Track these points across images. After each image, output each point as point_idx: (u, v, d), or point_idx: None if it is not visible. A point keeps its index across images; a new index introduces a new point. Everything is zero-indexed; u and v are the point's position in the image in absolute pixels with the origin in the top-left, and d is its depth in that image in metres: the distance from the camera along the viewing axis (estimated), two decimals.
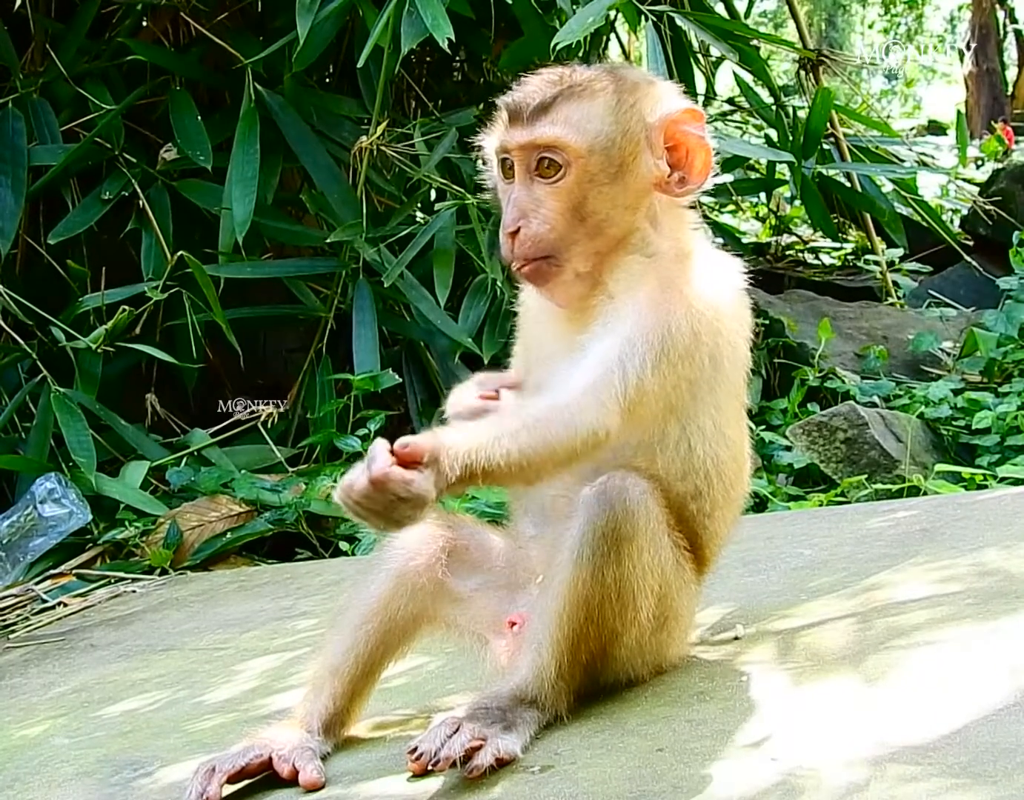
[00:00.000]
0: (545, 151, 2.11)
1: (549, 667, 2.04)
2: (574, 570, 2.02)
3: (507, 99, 2.16)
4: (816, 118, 6.38)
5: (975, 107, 16.65)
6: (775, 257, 8.66)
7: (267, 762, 2.13)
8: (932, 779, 1.71)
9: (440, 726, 1.97)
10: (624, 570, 2.03)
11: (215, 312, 5.23)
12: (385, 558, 2.22)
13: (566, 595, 2.02)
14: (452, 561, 2.21)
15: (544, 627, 2.04)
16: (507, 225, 2.11)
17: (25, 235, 5.72)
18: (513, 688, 2.05)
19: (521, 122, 2.12)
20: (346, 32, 5.83)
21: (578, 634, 2.03)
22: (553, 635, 2.03)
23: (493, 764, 1.94)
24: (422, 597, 2.19)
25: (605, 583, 2.02)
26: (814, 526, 3.30)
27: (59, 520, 4.74)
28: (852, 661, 2.14)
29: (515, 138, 2.12)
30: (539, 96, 2.12)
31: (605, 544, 2.01)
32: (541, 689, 2.04)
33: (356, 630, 2.20)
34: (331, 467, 4.94)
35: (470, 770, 1.93)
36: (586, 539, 2.01)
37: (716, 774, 1.83)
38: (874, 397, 5.53)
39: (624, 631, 2.08)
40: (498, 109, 2.18)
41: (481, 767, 1.94)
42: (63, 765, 2.53)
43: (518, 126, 2.12)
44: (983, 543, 2.71)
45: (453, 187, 5.52)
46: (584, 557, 2.01)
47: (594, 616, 2.03)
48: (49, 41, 5.82)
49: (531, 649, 2.06)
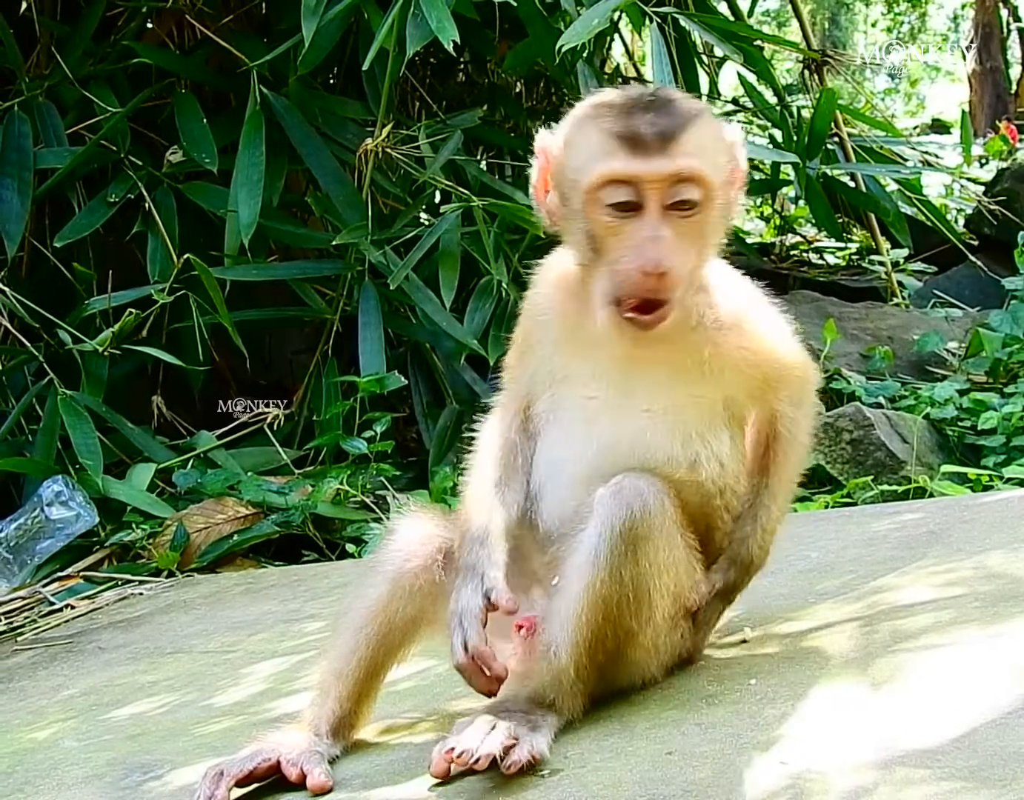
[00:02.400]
0: (682, 184, 2.02)
1: (568, 669, 2.03)
2: (592, 571, 2.01)
3: (630, 124, 2.01)
4: (820, 119, 6.39)
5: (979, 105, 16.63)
6: (779, 257, 8.66)
7: (275, 766, 2.14)
8: (940, 783, 1.72)
9: (475, 725, 1.98)
10: (641, 569, 2.03)
11: (221, 314, 5.24)
12: (382, 561, 2.23)
13: (584, 596, 2.02)
14: (449, 562, 2.20)
15: (562, 629, 2.04)
16: (654, 265, 1.99)
17: (31, 238, 5.72)
18: (531, 692, 2.05)
19: (654, 151, 2.00)
20: (351, 34, 5.83)
21: (596, 635, 2.03)
22: (571, 637, 2.03)
23: (530, 761, 1.95)
24: (420, 599, 2.19)
25: (623, 583, 2.02)
26: (820, 528, 3.30)
27: (66, 522, 4.75)
28: (859, 664, 2.14)
29: (653, 168, 2.00)
30: (668, 122, 2.02)
31: (623, 543, 2.01)
32: (559, 692, 2.04)
33: (357, 633, 2.20)
34: (337, 469, 4.94)
35: (508, 766, 1.93)
36: (604, 539, 2.01)
37: (726, 778, 1.84)
38: (879, 398, 5.53)
39: (640, 631, 2.08)
40: (601, 134, 2.04)
41: (519, 763, 1.94)
42: (73, 768, 2.54)
43: (653, 156, 2.00)
44: (989, 546, 2.72)
45: (458, 189, 5.52)
46: (602, 557, 2.01)
47: (612, 616, 2.03)
48: (54, 44, 5.82)
49: (548, 652, 2.05)
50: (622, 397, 2.14)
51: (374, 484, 4.92)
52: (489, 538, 2.13)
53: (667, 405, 2.13)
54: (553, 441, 2.20)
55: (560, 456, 2.18)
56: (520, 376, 2.27)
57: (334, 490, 4.80)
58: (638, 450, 2.12)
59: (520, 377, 2.27)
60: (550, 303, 2.23)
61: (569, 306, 2.20)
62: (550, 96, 6.99)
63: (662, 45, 5.18)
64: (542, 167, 2.16)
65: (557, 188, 2.13)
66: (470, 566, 2.11)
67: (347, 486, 4.82)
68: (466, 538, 2.14)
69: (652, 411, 2.13)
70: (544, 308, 2.24)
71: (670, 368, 2.14)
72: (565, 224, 2.14)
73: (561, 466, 2.18)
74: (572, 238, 2.14)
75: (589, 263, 2.11)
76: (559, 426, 2.20)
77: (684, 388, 2.14)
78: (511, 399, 2.29)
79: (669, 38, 5.33)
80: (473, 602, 2.07)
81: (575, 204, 2.08)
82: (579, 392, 2.17)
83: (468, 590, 2.09)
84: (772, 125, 6.95)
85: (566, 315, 2.20)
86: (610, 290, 2.06)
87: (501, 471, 2.21)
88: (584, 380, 2.17)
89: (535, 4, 5.48)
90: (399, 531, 2.25)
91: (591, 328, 2.15)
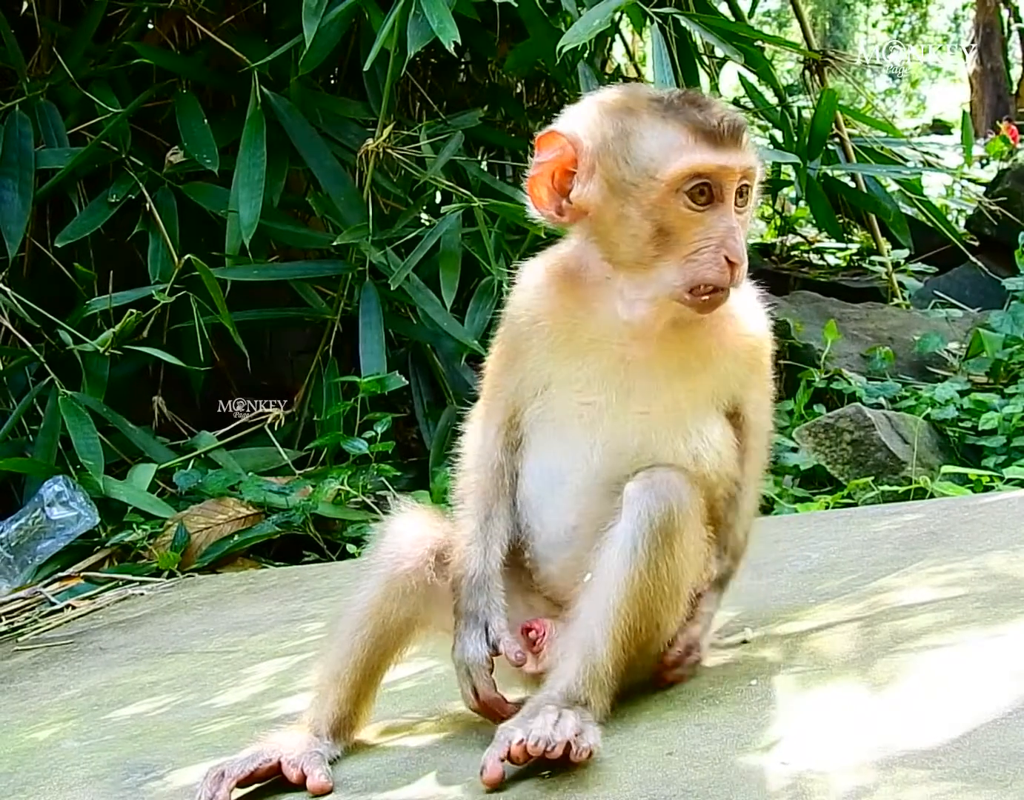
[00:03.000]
0: (745, 178, 2.07)
1: (605, 664, 2.00)
2: (630, 564, 2.00)
3: (706, 118, 2.03)
4: (821, 119, 6.39)
5: (979, 106, 16.64)
6: (780, 258, 8.67)
7: (276, 767, 2.13)
8: (940, 783, 1.72)
9: (542, 714, 1.94)
10: (677, 562, 2.02)
11: (222, 315, 5.24)
12: (374, 564, 2.21)
13: (623, 590, 2.00)
14: (442, 564, 2.19)
15: (598, 624, 2.00)
16: (738, 255, 2.03)
17: (32, 238, 5.73)
18: (563, 690, 2.00)
19: (731, 145, 2.04)
20: (352, 35, 5.84)
21: (632, 628, 2.01)
22: (610, 631, 2.00)
23: (593, 749, 1.93)
24: (413, 601, 2.18)
25: (660, 576, 2.01)
26: (821, 529, 3.31)
27: (67, 523, 4.75)
28: (859, 665, 2.14)
29: (734, 162, 2.04)
30: (736, 119, 2.06)
31: (661, 536, 2.00)
32: (593, 689, 2.01)
33: (352, 636, 2.19)
34: (338, 469, 4.95)
35: (578, 753, 1.91)
36: (641, 532, 2.00)
37: (726, 778, 1.84)
38: (880, 398, 5.54)
39: (669, 624, 2.09)
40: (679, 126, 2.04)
41: (588, 749, 1.92)
42: (74, 768, 2.54)
43: (729, 149, 2.04)
44: (990, 546, 2.72)
45: (459, 190, 5.53)
46: (640, 550, 1.99)
47: (647, 610, 2.02)
48: (55, 44, 5.83)
49: (581, 648, 2.01)
50: (622, 400, 2.11)
51: (375, 484, 4.93)
52: (487, 583, 2.12)
53: (667, 403, 2.12)
54: (547, 450, 2.16)
55: (558, 466, 2.15)
56: (505, 385, 2.21)
57: (335, 490, 4.81)
58: (644, 453, 2.10)
59: (505, 386, 2.21)
60: (541, 306, 2.17)
61: (565, 308, 2.15)
62: (551, 96, 6.99)
63: (663, 46, 5.18)
64: (555, 159, 2.10)
65: (603, 179, 2.07)
66: (471, 613, 2.11)
67: (348, 486, 4.83)
68: (463, 583, 2.13)
69: (652, 411, 2.11)
70: (534, 312, 2.18)
71: (670, 364, 2.12)
72: (612, 218, 2.07)
73: (560, 476, 2.14)
74: (620, 232, 2.07)
75: (643, 258, 2.06)
76: (553, 435, 2.15)
77: (682, 383, 2.13)
78: (494, 411, 2.23)
79: (670, 38, 5.33)
80: (479, 652, 2.09)
81: (645, 195, 2.04)
82: (574, 398, 2.13)
83: (472, 638, 2.10)
84: (773, 126, 6.95)
85: (561, 318, 2.15)
86: (682, 280, 2.04)
87: (491, 501, 2.19)
88: (579, 385, 2.13)
89: (536, 5, 5.49)
90: (390, 533, 2.23)
91: (591, 329, 2.13)
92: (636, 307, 2.09)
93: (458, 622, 2.13)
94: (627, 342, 2.11)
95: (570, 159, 2.10)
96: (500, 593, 2.13)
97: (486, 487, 2.20)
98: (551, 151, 2.11)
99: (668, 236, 2.04)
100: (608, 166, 2.07)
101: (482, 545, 2.16)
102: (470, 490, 2.22)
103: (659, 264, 2.06)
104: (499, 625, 2.10)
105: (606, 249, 2.11)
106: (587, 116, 2.13)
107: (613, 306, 2.11)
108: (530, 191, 2.14)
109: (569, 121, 2.14)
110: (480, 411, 2.28)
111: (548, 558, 2.18)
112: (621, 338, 2.11)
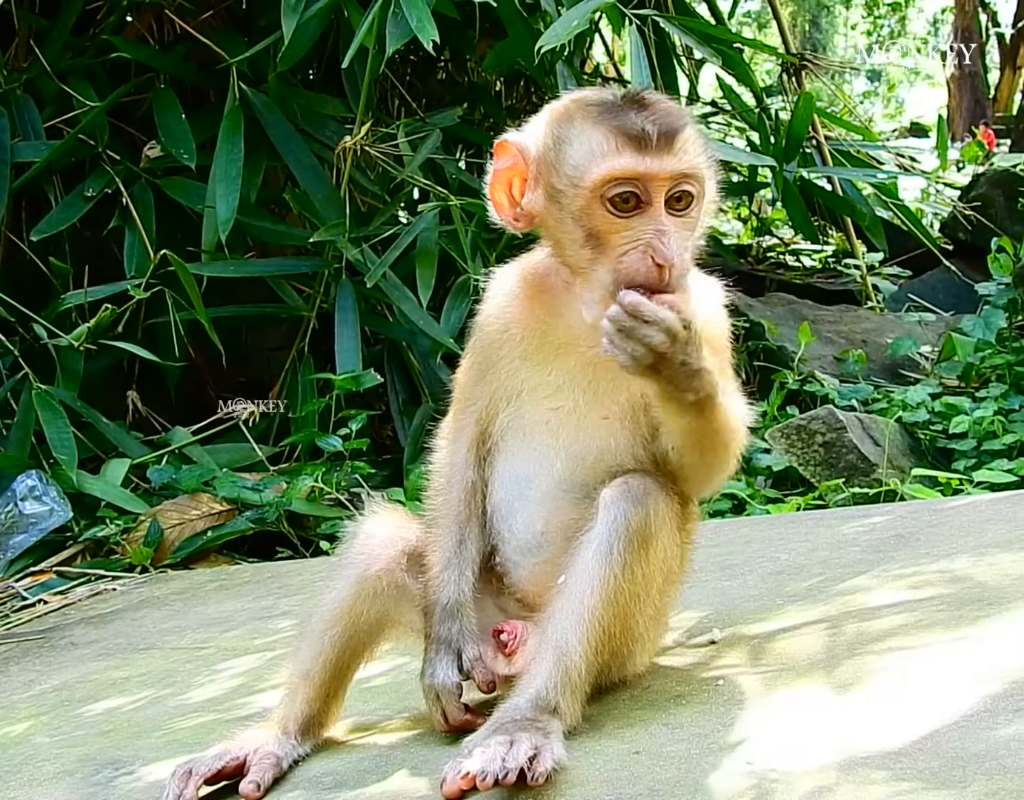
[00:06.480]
0: (684, 181, 2.03)
1: (579, 666, 2.01)
2: (605, 567, 2.00)
3: (633, 122, 2.01)
4: (798, 122, 6.43)
5: (957, 110, 16.75)
6: (756, 259, 8.71)
7: (243, 764, 2.15)
8: (900, 783, 1.74)
9: (492, 744, 1.91)
10: (652, 566, 2.04)
11: (198, 310, 5.24)
12: (345, 563, 2.22)
13: (598, 593, 2.00)
14: (412, 565, 2.20)
15: (572, 626, 2.01)
16: (664, 257, 1.98)
17: (7, 232, 5.72)
18: (533, 696, 2.00)
19: (660, 149, 2.00)
20: (331, 32, 5.84)
21: (606, 631, 2.02)
22: (584, 634, 2.00)
23: (553, 769, 1.90)
24: (383, 601, 2.19)
25: (635, 580, 2.02)
26: (791, 530, 3.33)
27: (40, 517, 4.74)
28: (825, 666, 2.17)
29: (662, 166, 2.00)
30: (670, 121, 2.03)
31: (637, 540, 2.01)
32: (564, 693, 2.00)
33: (322, 635, 2.21)
34: (312, 466, 4.95)
35: (535, 778, 1.88)
36: (617, 536, 2.01)
37: (692, 777, 1.86)
38: (852, 401, 5.58)
39: (642, 627, 2.10)
40: (605, 131, 2.03)
41: (545, 773, 1.89)
42: (44, 763, 2.54)
43: (659, 153, 2.00)
44: (956, 550, 2.75)
45: (436, 188, 5.54)
46: (615, 553, 2.00)
47: (621, 613, 2.03)
48: (33, 37, 5.82)
49: (554, 650, 2.01)
50: (587, 403, 2.13)
51: (349, 482, 4.93)
52: (460, 611, 2.14)
53: (628, 404, 2.12)
54: (516, 457, 2.18)
55: (525, 473, 2.16)
56: (477, 396, 2.22)
57: (309, 487, 4.81)
58: (606, 457, 2.12)
59: (477, 397, 2.22)
60: (510, 314, 2.19)
61: (535, 314, 2.17)
62: (529, 96, 7.01)
63: (641, 47, 5.20)
64: (510, 167, 2.13)
65: (543, 187, 2.09)
66: (444, 640, 2.14)
67: (322, 483, 4.83)
68: (437, 609, 2.15)
69: (612, 415, 2.13)
70: (504, 320, 2.19)
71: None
72: (553, 224, 2.10)
73: (527, 482, 2.16)
74: (561, 237, 2.09)
75: (582, 262, 2.07)
76: (522, 442, 2.17)
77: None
78: (465, 423, 2.23)
79: (649, 40, 5.35)
80: (450, 679, 2.12)
81: (572, 202, 2.05)
82: (543, 403, 2.15)
83: (443, 665, 2.13)
84: (750, 128, 6.98)
85: (531, 324, 2.17)
86: (613, 283, 2.02)
87: (463, 524, 2.20)
88: (548, 390, 2.15)
89: (515, 4, 5.50)
90: (362, 534, 2.24)
91: (560, 334, 2.14)
92: (592, 309, 2.08)
93: (429, 647, 2.15)
94: (594, 344, 2.10)
95: (522, 167, 2.13)
96: (473, 620, 2.15)
97: (458, 509, 2.21)
98: (505, 159, 2.14)
99: (598, 240, 2.05)
100: (545, 174, 2.10)
101: (456, 571, 2.17)
102: (442, 512, 2.23)
103: (596, 267, 2.06)
104: (472, 654, 2.13)
105: (557, 254, 2.14)
106: (537, 124, 2.15)
107: (579, 310, 2.12)
108: (491, 197, 2.16)
109: (524, 129, 2.17)
110: (450, 425, 2.29)
111: (518, 563, 2.19)
112: (589, 341, 2.10)
